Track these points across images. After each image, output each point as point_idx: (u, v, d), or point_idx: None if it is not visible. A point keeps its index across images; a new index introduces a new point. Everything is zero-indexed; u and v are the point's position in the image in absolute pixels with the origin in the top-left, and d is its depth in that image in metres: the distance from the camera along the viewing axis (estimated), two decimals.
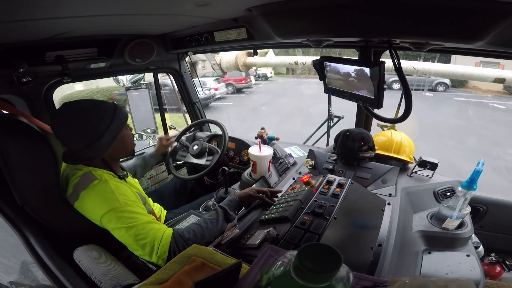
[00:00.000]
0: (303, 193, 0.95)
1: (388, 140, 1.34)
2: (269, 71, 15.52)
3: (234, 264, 0.48)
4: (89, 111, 0.85)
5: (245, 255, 0.75)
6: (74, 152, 0.86)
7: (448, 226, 0.92)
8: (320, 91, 1.24)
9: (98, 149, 0.86)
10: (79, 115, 0.83)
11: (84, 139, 0.83)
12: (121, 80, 1.95)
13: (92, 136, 0.84)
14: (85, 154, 0.85)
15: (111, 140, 0.88)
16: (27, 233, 0.81)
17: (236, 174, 1.64)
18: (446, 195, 1.13)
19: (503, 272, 1.34)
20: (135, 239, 0.80)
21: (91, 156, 0.86)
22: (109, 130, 0.86)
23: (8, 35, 0.88)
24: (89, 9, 0.74)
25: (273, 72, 15.94)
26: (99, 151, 0.87)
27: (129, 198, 0.87)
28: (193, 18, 1.08)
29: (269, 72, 15.51)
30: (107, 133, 0.86)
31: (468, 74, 2.17)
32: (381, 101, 0.92)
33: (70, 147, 0.85)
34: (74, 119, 0.83)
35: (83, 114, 0.84)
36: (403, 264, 0.80)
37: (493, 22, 0.60)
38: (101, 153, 0.88)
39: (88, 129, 0.83)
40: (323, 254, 0.31)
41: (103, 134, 0.85)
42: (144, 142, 2.09)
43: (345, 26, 0.78)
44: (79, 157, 0.87)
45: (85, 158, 0.87)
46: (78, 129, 0.83)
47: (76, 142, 0.83)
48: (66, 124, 0.82)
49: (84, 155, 0.85)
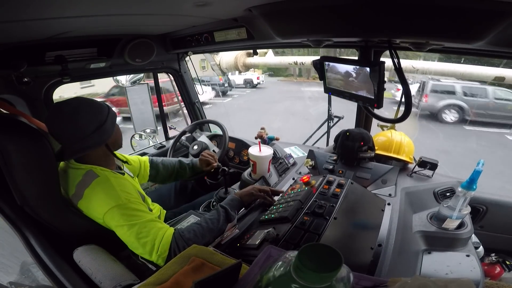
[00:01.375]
0: (303, 193, 0.95)
1: (388, 140, 1.34)
2: (257, 75, 12.32)
3: (234, 264, 0.48)
4: (87, 101, 0.88)
5: (245, 255, 0.75)
6: (81, 140, 0.84)
7: (448, 226, 0.92)
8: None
9: (105, 131, 0.88)
10: (81, 104, 0.85)
11: (95, 122, 0.86)
12: (119, 80, 1.94)
13: (101, 118, 0.87)
14: (94, 138, 0.85)
15: (113, 124, 0.92)
16: (27, 233, 0.81)
17: (236, 174, 1.64)
18: (446, 195, 1.13)
19: (503, 272, 1.34)
20: (137, 237, 0.80)
21: (99, 139, 0.87)
22: (110, 116, 0.91)
23: (8, 35, 0.88)
24: (89, 9, 0.74)
25: (265, 75, 13.08)
26: (106, 135, 0.88)
27: (131, 195, 0.87)
28: (193, 18, 1.08)
29: (257, 77, 12.27)
30: (109, 116, 0.90)
31: (468, 74, 2.17)
32: (381, 101, 0.92)
33: (79, 134, 0.83)
34: (77, 109, 0.84)
35: (85, 103, 0.86)
36: (403, 264, 0.80)
37: (493, 22, 0.60)
38: (108, 135, 0.90)
39: (96, 112, 0.87)
40: (324, 254, 0.31)
41: (106, 119, 0.89)
42: (144, 142, 2.09)
43: (345, 26, 0.78)
44: (84, 145, 0.84)
45: (91, 145, 0.85)
46: (88, 113, 0.85)
47: (88, 126, 0.84)
48: (69, 116, 0.83)
49: (93, 140, 0.85)
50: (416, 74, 4.87)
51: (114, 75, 1.71)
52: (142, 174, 1.26)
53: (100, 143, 0.88)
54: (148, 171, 1.28)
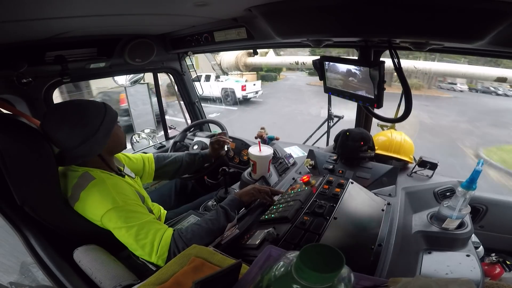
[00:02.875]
0: (303, 193, 0.95)
1: (388, 140, 1.34)
2: (248, 82, 7.47)
3: (234, 264, 0.48)
4: (81, 109, 0.84)
5: (245, 255, 0.75)
6: (70, 150, 0.83)
7: (448, 226, 0.92)
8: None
9: (95, 143, 0.85)
10: (72, 112, 0.83)
11: (80, 135, 0.82)
12: (117, 80, 1.93)
13: (88, 131, 0.83)
14: (82, 150, 0.83)
15: (107, 134, 0.88)
16: (27, 233, 0.81)
17: (236, 174, 1.64)
18: (446, 195, 1.13)
19: (503, 272, 1.34)
20: (135, 239, 0.80)
21: (89, 151, 0.85)
22: (104, 124, 0.86)
23: (8, 35, 0.88)
24: (89, 9, 0.74)
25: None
26: (96, 146, 0.86)
27: (128, 197, 0.87)
28: (192, 18, 1.07)
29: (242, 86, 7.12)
30: (102, 127, 0.86)
31: (469, 74, 2.17)
32: (381, 101, 0.92)
33: (66, 145, 0.83)
34: (68, 117, 0.82)
35: (76, 111, 0.83)
36: (403, 264, 0.80)
37: (493, 22, 0.60)
38: (99, 148, 0.87)
39: (84, 124, 0.83)
40: (325, 254, 0.30)
41: (98, 129, 0.85)
42: (144, 142, 2.08)
43: (345, 26, 0.78)
44: (75, 155, 0.85)
45: (82, 155, 0.85)
46: (74, 126, 0.81)
47: (72, 138, 0.82)
48: (60, 122, 0.81)
49: (81, 151, 0.84)
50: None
51: (114, 75, 1.71)
52: (148, 171, 1.25)
53: (90, 155, 0.86)
54: (154, 167, 1.27)
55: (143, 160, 1.24)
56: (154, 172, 1.27)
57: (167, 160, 1.31)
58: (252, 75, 8.64)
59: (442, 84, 13.13)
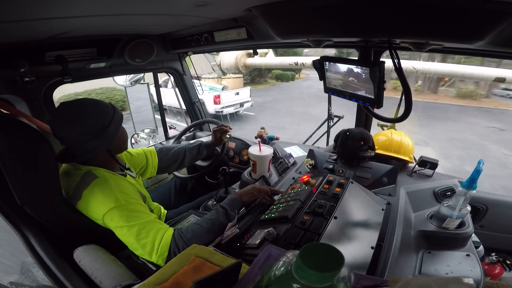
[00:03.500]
0: (303, 193, 0.95)
1: (388, 140, 1.34)
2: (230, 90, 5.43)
3: (234, 264, 0.48)
4: (93, 106, 0.86)
5: (245, 255, 0.75)
6: (82, 144, 0.83)
7: (448, 225, 0.92)
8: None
9: (107, 138, 0.86)
10: (85, 108, 0.85)
11: (94, 129, 0.84)
12: (116, 80, 1.93)
13: (101, 125, 0.85)
14: (94, 143, 0.84)
15: (117, 131, 0.90)
16: (27, 233, 0.81)
17: (236, 174, 1.64)
18: (446, 195, 1.13)
19: (503, 272, 1.34)
20: (136, 238, 0.80)
21: (100, 145, 0.85)
22: (114, 121, 0.89)
23: (8, 35, 0.88)
24: (89, 9, 0.74)
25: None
26: (107, 141, 0.87)
27: (130, 196, 0.87)
28: (192, 18, 1.08)
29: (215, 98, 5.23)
30: (113, 123, 0.88)
31: (468, 74, 2.17)
32: (381, 100, 0.92)
33: (79, 139, 0.83)
34: (82, 111, 0.84)
35: (89, 108, 0.85)
36: (403, 264, 0.80)
37: (493, 22, 0.60)
38: (110, 143, 0.88)
39: (97, 118, 0.85)
40: (325, 254, 0.30)
41: (109, 124, 0.87)
42: (144, 142, 2.09)
43: (345, 26, 0.78)
44: (86, 149, 0.84)
45: (93, 148, 0.85)
46: (88, 119, 0.83)
47: (86, 132, 0.83)
48: (75, 116, 0.82)
49: (93, 144, 0.84)
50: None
51: (114, 75, 1.71)
52: (151, 164, 1.25)
53: (101, 148, 0.87)
54: (157, 160, 1.28)
55: (145, 154, 1.24)
56: (157, 165, 1.28)
57: (170, 152, 1.32)
58: (237, 79, 6.17)
59: (495, 90, 10.02)
